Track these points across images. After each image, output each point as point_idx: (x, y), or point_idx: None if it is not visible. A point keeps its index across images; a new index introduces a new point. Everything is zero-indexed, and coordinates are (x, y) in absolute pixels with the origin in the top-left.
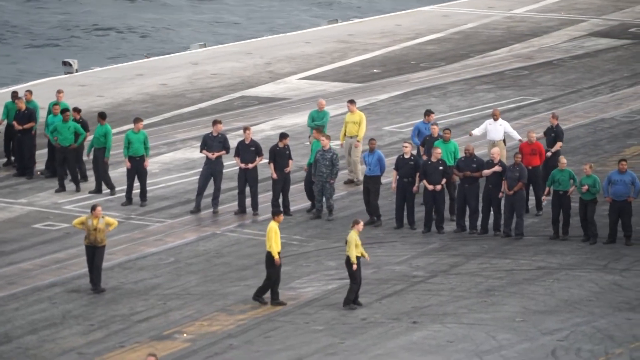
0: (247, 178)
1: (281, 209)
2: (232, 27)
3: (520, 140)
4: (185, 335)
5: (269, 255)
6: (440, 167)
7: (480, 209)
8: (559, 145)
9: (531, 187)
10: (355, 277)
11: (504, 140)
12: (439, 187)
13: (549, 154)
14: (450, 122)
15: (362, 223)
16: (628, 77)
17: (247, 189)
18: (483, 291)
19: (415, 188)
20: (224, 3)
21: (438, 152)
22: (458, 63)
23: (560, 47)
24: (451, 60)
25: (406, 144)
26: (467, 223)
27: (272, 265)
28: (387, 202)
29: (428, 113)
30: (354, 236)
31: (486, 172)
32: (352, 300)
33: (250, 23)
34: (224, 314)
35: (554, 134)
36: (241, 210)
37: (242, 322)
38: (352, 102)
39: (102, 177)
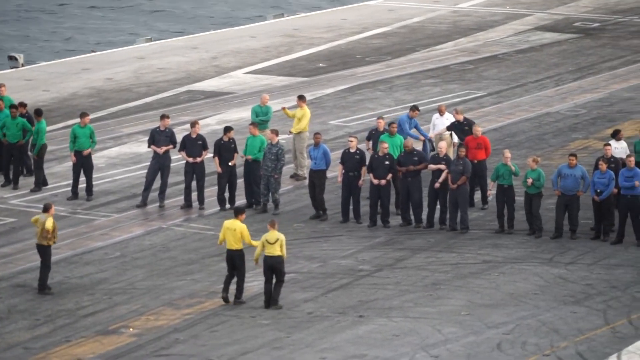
0: (195, 172)
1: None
2: (177, 22)
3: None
4: (131, 329)
5: (240, 254)
6: (386, 162)
7: (427, 203)
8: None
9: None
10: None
11: (451, 135)
12: (383, 181)
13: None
14: (396, 116)
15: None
16: (573, 72)
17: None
18: (429, 285)
19: (360, 182)
20: None
21: (385, 146)
22: (404, 57)
23: (506, 41)
24: (397, 55)
25: (351, 138)
26: (412, 217)
27: (243, 263)
28: (333, 196)
29: (414, 109)
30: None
31: (432, 166)
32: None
33: (196, 17)
34: (170, 308)
35: (467, 127)
36: (187, 204)
37: (188, 316)
38: (301, 98)
39: (35, 173)
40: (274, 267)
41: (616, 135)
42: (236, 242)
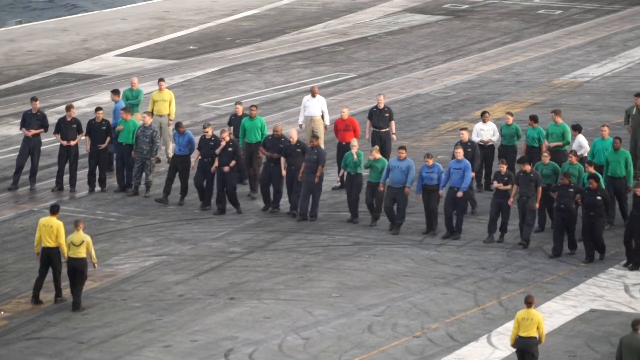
0: (69, 155)
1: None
2: (48, 4)
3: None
4: (2, 313)
5: (57, 251)
6: (230, 149)
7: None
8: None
9: None
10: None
11: (322, 116)
12: (226, 168)
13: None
14: (266, 98)
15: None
16: (442, 53)
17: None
18: (300, 267)
19: (213, 168)
20: None
21: (225, 135)
22: (274, 39)
23: (375, 23)
24: (267, 37)
25: (208, 129)
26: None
27: (60, 261)
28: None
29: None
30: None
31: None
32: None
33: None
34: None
35: (387, 114)
36: (59, 187)
37: (59, 299)
38: (161, 80)
39: None
40: (76, 270)
41: (483, 116)
42: (52, 240)
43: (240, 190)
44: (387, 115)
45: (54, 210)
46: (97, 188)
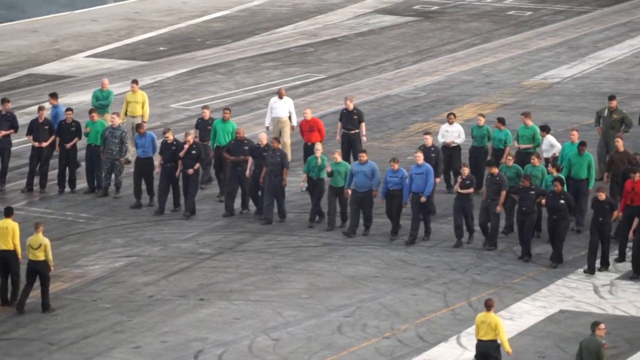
0: (40, 156)
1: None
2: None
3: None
4: None
5: (14, 254)
6: (193, 152)
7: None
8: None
9: None
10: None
11: (290, 118)
12: (190, 171)
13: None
14: (236, 99)
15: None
16: (412, 54)
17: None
18: (269, 268)
19: (177, 173)
20: None
21: (189, 137)
22: (244, 40)
23: (345, 24)
24: (237, 38)
25: (168, 134)
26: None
27: (18, 264)
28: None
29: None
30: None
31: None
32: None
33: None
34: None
35: (356, 116)
36: (29, 188)
37: (29, 300)
38: (135, 82)
39: None
40: (37, 272)
41: (448, 117)
42: (8, 243)
43: (209, 192)
44: (356, 117)
45: (8, 212)
46: (67, 189)
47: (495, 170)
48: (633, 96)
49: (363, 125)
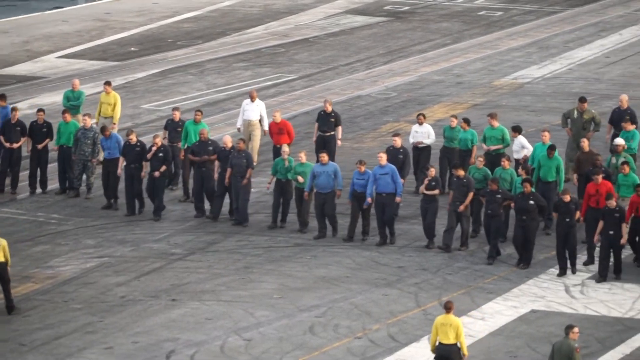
0: (12, 158)
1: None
2: None
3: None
4: None
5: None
6: (160, 154)
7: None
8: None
9: None
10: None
11: (261, 121)
12: (157, 173)
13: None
14: (207, 100)
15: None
16: (383, 55)
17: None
18: (241, 268)
19: (142, 174)
20: None
21: (158, 139)
22: (215, 41)
23: (317, 25)
24: (208, 38)
25: (132, 135)
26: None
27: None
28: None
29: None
30: None
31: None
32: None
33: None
34: None
35: (333, 119)
36: (0, 189)
37: (0, 301)
38: (108, 83)
39: None
40: None
41: (418, 118)
42: None
43: (180, 192)
44: (333, 120)
45: None
46: (39, 190)
47: (462, 173)
48: (603, 96)
49: (339, 128)
